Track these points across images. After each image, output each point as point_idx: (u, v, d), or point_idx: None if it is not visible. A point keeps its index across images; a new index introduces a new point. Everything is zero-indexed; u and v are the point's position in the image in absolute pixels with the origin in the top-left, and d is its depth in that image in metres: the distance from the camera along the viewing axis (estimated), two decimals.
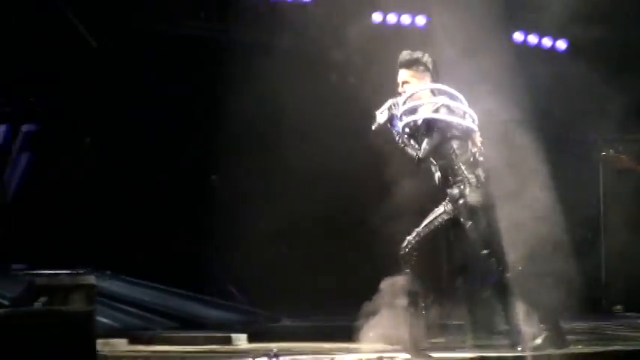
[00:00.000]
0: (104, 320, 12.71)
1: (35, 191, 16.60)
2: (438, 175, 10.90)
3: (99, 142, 16.57)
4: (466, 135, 11.02)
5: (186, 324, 14.57)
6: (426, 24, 17.85)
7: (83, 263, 14.48)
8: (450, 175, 10.85)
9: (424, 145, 10.85)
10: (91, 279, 11.36)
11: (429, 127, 10.85)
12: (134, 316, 14.61)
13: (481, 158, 10.93)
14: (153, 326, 14.57)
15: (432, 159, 10.73)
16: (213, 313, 15.46)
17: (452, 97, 11.08)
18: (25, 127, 16.19)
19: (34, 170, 16.94)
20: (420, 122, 10.98)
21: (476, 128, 11.00)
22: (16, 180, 17.33)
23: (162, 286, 15.99)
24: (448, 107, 10.94)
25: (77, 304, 10.92)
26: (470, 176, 10.89)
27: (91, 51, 16.15)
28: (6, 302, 11.99)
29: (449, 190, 10.88)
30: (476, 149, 10.96)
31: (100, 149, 16.49)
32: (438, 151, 10.70)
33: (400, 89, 10.97)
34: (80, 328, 10.25)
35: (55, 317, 9.94)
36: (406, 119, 11.07)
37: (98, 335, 10.35)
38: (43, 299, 10.61)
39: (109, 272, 14.99)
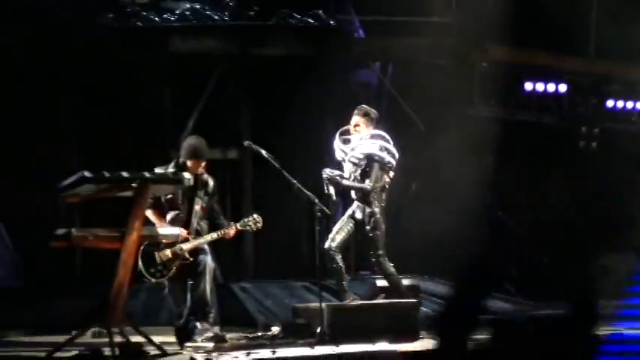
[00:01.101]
0: (425, 309, 13.81)
1: None
2: (359, 194, 13.11)
3: None
4: (388, 169, 13.14)
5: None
6: None
7: (414, 270, 15.93)
8: (367, 197, 12.98)
9: (371, 177, 12.90)
10: (416, 281, 14.32)
11: (370, 161, 12.99)
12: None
13: (387, 186, 13.17)
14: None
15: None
16: (494, 304, 16.32)
17: (385, 139, 13.15)
18: None
19: None
20: (362, 157, 12.95)
21: (394, 164, 13.20)
22: None
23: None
24: (386, 148, 13.04)
25: (408, 298, 13.29)
26: (380, 200, 13.00)
27: None
28: (357, 297, 13.84)
29: (366, 208, 13.02)
30: (388, 179, 13.19)
31: None
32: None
33: (352, 129, 13.12)
34: (409, 315, 12.70)
35: (394, 311, 12.53)
36: (354, 154, 13.00)
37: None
38: (382, 295, 13.44)
39: (426, 276, 16.57)
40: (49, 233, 10.79)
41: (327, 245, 12.97)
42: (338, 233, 13.14)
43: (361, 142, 13.19)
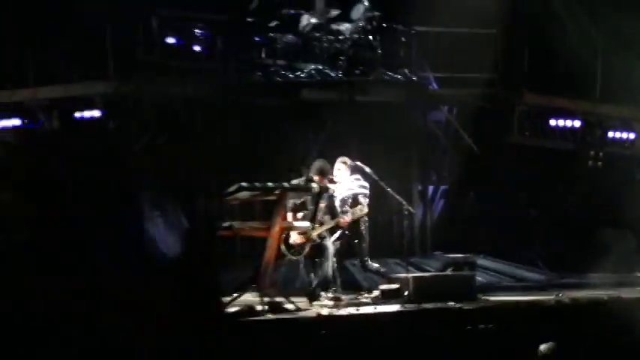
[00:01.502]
0: (479, 279, 13.77)
1: None
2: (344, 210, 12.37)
3: None
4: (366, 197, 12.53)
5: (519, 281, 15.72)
6: None
7: (472, 250, 15.41)
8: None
9: (360, 206, 12.27)
10: (474, 258, 14.12)
11: (355, 198, 12.56)
12: (493, 277, 15.91)
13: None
14: (500, 281, 15.71)
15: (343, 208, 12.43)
16: (529, 275, 16.43)
17: (362, 178, 12.64)
18: None
19: None
20: (349, 195, 12.44)
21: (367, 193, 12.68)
22: None
23: (509, 262, 16.66)
24: (362, 185, 12.56)
25: (465, 272, 13.22)
26: (364, 220, 12.23)
27: None
28: (432, 270, 14.08)
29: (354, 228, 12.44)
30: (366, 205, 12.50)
31: None
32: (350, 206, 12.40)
33: (336, 172, 12.51)
34: (469, 283, 12.39)
35: (458, 280, 12.42)
36: (345, 194, 12.40)
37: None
38: (450, 269, 13.31)
39: (482, 255, 15.98)
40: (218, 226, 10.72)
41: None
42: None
43: (346, 182, 12.86)
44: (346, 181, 12.52)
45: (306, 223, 11.75)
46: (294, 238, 11.77)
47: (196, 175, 13.68)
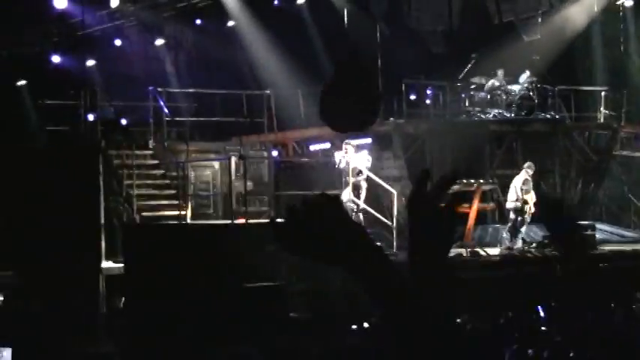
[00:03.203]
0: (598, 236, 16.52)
1: None
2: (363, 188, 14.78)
3: None
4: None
5: None
6: None
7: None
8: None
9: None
10: (593, 223, 17.54)
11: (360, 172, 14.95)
12: (605, 235, 18.26)
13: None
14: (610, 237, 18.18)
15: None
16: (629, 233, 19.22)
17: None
18: None
19: None
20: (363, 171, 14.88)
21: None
22: None
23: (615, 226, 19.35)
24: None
25: (589, 232, 16.35)
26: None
27: None
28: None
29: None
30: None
31: None
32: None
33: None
34: (592, 239, 16.36)
35: (584, 237, 16.38)
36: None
37: None
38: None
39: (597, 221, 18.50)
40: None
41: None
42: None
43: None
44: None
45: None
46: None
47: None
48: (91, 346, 12.46)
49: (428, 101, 21.44)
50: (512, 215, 16.28)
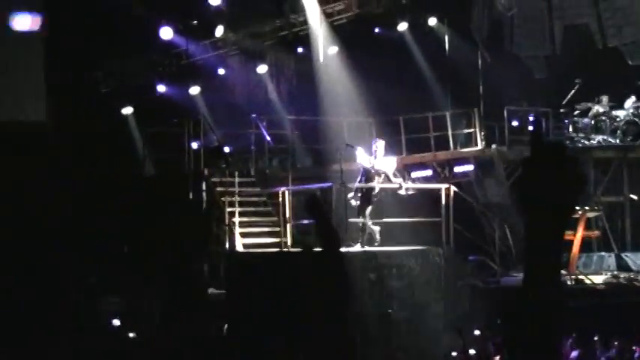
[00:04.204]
0: None
1: None
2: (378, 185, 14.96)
3: None
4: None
5: None
6: None
7: None
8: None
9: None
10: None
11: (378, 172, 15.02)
12: None
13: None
14: None
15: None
16: None
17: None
18: None
19: None
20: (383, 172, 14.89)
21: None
22: None
23: None
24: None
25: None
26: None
27: None
28: None
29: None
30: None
31: None
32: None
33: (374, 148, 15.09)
34: None
35: None
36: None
37: None
38: None
39: None
40: None
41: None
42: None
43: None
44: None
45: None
46: None
47: None
48: None
49: (530, 127, 20.22)
50: None
